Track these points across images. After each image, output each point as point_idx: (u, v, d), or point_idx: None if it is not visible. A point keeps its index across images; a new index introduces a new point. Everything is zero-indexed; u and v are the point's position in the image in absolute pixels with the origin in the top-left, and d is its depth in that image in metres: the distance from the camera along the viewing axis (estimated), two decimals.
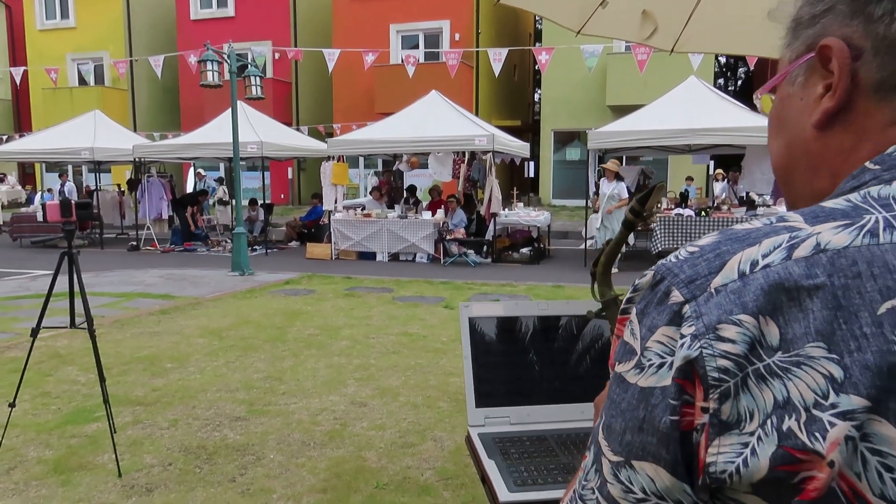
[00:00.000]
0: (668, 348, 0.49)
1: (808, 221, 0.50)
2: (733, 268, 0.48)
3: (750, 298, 0.47)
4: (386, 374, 4.72)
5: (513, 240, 11.82)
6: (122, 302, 7.57)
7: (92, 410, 3.97)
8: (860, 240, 0.47)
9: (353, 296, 7.83)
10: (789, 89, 0.60)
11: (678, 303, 0.49)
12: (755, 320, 0.46)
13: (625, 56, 16.41)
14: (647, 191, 1.25)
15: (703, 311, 0.48)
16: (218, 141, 12.15)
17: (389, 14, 19.60)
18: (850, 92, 0.54)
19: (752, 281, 0.47)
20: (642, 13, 2.76)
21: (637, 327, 0.52)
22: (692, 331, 0.48)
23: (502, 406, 1.64)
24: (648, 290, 0.52)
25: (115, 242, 14.28)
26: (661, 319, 0.50)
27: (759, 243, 0.49)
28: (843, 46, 0.54)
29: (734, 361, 0.46)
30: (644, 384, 0.50)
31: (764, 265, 0.48)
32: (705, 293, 0.48)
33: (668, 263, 0.52)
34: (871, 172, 0.52)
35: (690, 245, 0.52)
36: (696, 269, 0.50)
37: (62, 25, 23.88)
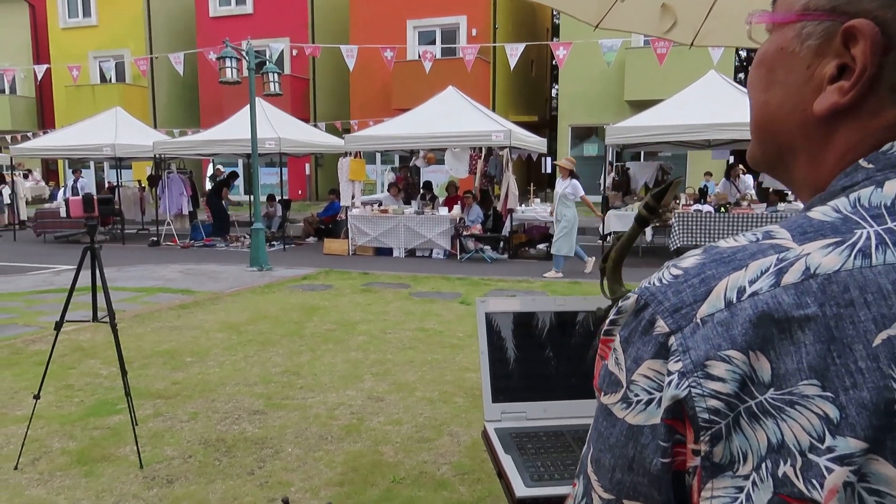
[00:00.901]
0: (656, 383, 0.47)
1: (797, 239, 0.47)
2: (719, 295, 0.46)
3: (738, 331, 0.44)
4: (402, 370, 4.74)
5: (529, 236, 11.78)
6: (142, 297, 7.67)
7: (114, 403, 4.04)
8: (851, 262, 0.44)
9: (370, 291, 7.86)
10: (794, 46, 0.52)
11: (664, 334, 0.47)
12: (745, 356, 0.44)
13: (643, 50, 16.26)
14: (664, 186, 1.23)
15: (690, 345, 0.45)
16: (236, 137, 12.24)
17: (406, 10, 19.60)
18: (867, 91, 0.49)
19: (740, 311, 0.44)
20: (661, 6, 2.73)
21: (622, 357, 0.49)
22: (679, 367, 0.45)
23: (519, 401, 1.64)
24: (632, 316, 0.49)
25: (136, 238, 14.47)
26: (646, 351, 0.48)
27: (746, 267, 0.46)
28: (878, 38, 0.47)
29: (724, 401, 0.44)
30: (632, 421, 0.48)
31: (751, 293, 0.45)
32: (691, 324, 0.46)
33: (651, 288, 0.49)
34: (864, 171, 0.49)
35: (674, 266, 0.49)
36: (681, 296, 0.47)
37: (84, 24, 24.20)
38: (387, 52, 12.19)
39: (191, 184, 14.51)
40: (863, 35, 0.47)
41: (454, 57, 17.46)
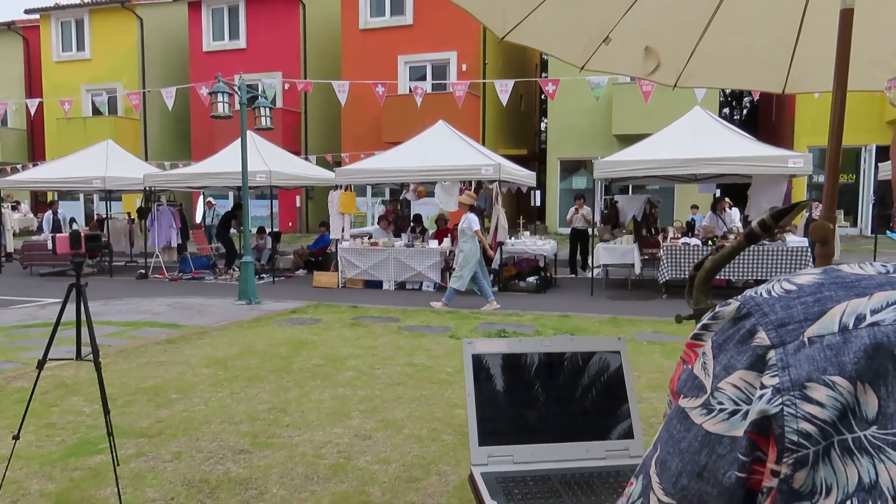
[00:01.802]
0: (745, 395, 0.44)
1: None
2: (834, 319, 0.43)
3: (849, 359, 0.41)
4: (391, 406, 4.68)
5: (519, 268, 11.81)
6: (128, 331, 7.58)
7: (96, 442, 3.96)
8: None
9: (359, 325, 7.82)
10: None
11: (763, 346, 0.44)
12: (852, 386, 0.41)
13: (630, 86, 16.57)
14: (788, 207, 1.20)
15: (791, 363, 0.43)
16: (227, 170, 12.28)
17: (397, 45, 19.93)
18: None
19: (855, 338, 0.42)
20: (645, 49, 2.79)
21: (711, 362, 0.47)
22: (775, 382, 0.43)
23: (506, 444, 1.62)
24: (730, 323, 0.47)
25: (124, 270, 14.36)
26: (740, 361, 0.45)
27: (870, 295, 0.43)
28: None
29: (819, 427, 0.41)
30: (711, 429, 0.45)
31: (871, 322, 0.42)
32: (796, 341, 0.43)
33: (757, 298, 0.46)
34: None
35: (788, 281, 0.47)
36: (791, 311, 0.44)
37: (77, 57, 24.42)
38: (378, 88, 12.35)
39: (180, 216, 14.49)
40: None
41: (444, 91, 17.72)
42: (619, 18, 2.56)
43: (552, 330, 7.56)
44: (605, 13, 2.57)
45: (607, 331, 7.50)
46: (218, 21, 22.98)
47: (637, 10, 2.52)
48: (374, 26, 20.32)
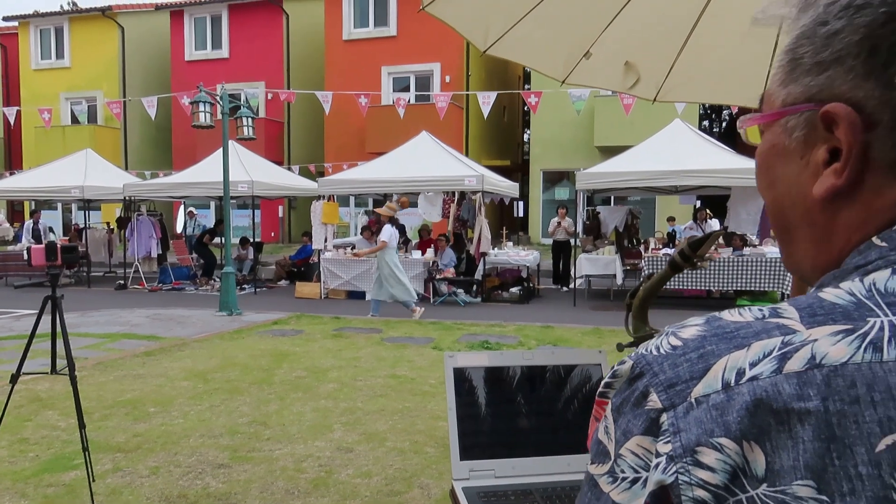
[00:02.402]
0: (643, 461, 0.45)
1: (805, 321, 0.44)
2: (717, 376, 0.43)
3: (733, 418, 0.42)
4: (373, 419, 4.65)
5: (502, 279, 11.83)
6: (106, 343, 7.46)
7: (71, 458, 3.88)
8: (861, 355, 0.41)
9: (342, 336, 7.77)
10: (785, 140, 0.53)
11: (656, 409, 0.45)
12: (738, 446, 0.41)
13: (611, 99, 16.75)
14: (703, 237, 1.22)
15: (682, 427, 0.43)
16: (209, 180, 12.19)
17: (381, 56, 19.97)
18: (861, 169, 0.48)
19: (737, 396, 0.42)
20: (625, 64, 2.83)
21: (612, 427, 0.48)
22: (668, 450, 0.43)
23: (487, 458, 1.61)
24: (626, 384, 0.47)
25: (103, 281, 14.15)
26: (636, 425, 0.46)
27: (748, 347, 0.44)
28: (854, 119, 0.47)
29: (713, 493, 0.41)
30: (617, 498, 0.46)
31: (751, 376, 0.42)
32: (685, 403, 0.44)
33: (648, 356, 0.47)
34: (878, 250, 0.47)
35: (674, 335, 0.47)
36: (677, 370, 0.45)
37: (57, 65, 24.14)
38: (361, 99, 12.36)
39: (160, 226, 14.33)
40: (839, 117, 0.47)
41: (428, 102, 17.77)
42: (600, 34, 2.59)
43: (535, 341, 7.57)
44: (585, 28, 2.61)
45: (590, 341, 7.53)
46: (200, 30, 22.88)
47: (617, 26, 2.56)
48: (357, 37, 20.36)
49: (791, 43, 0.52)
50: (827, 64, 0.48)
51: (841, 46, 0.47)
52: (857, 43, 0.47)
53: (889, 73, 0.46)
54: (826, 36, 0.48)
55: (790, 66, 0.52)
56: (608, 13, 2.53)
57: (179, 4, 22.74)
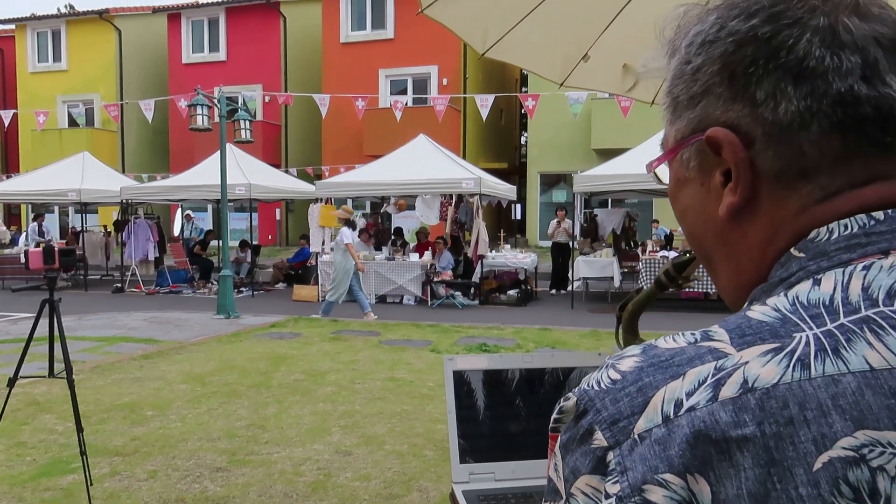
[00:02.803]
0: (593, 500, 0.45)
1: (735, 343, 0.45)
2: (656, 409, 0.44)
3: (675, 452, 0.42)
4: (371, 422, 4.64)
5: (500, 282, 11.83)
6: (103, 346, 7.44)
7: (68, 461, 3.87)
8: (790, 374, 0.42)
9: (340, 339, 7.76)
10: (684, 173, 0.56)
11: (602, 448, 0.45)
12: (683, 480, 0.42)
13: (609, 101, 16.78)
14: (688, 259, 1.22)
15: (628, 465, 0.43)
16: (206, 183, 12.18)
17: (378, 59, 19.99)
18: (753, 182, 0.50)
19: (677, 429, 0.43)
20: (623, 67, 2.84)
21: (560, 465, 0.47)
22: (617, 490, 0.43)
23: (487, 462, 1.61)
24: (572, 422, 0.47)
25: (100, 284, 14.12)
26: (583, 464, 0.45)
27: (684, 376, 0.44)
28: (732, 138, 0.50)
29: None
30: None
31: (688, 407, 0.43)
32: (629, 440, 0.44)
33: (591, 392, 0.47)
34: (798, 262, 0.49)
35: (613, 368, 0.48)
36: (619, 406, 0.45)
37: (54, 68, 24.11)
38: (359, 102, 12.36)
39: (158, 229, 14.31)
40: (720, 140, 0.50)
41: (425, 105, 17.79)
42: (597, 37, 2.60)
43: (533, 343, 7.57)
44: (583, 32, 2.61)
45: (588, 344, 7.53)
46: (198, 33, 22.88)
47: (614, 29, 2.56)
48: (354, 40, 20.38)
49: (668, 86, 0.56)
50: (699, 97, 0.53)
51: (706, 78, 0.52)
52: (718, 72, 0.51)
53: (749, 92, 0.50)
54: (692, 72, 0.53)
55: (672, 106, 0.56)
56: (606, 16, 2.53)
57: (177, 7, 22.74)
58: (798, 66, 0.48)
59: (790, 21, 0.49)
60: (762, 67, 0.49)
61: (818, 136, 0.49)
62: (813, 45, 0.48)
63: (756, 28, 0.50)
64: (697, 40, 0.53)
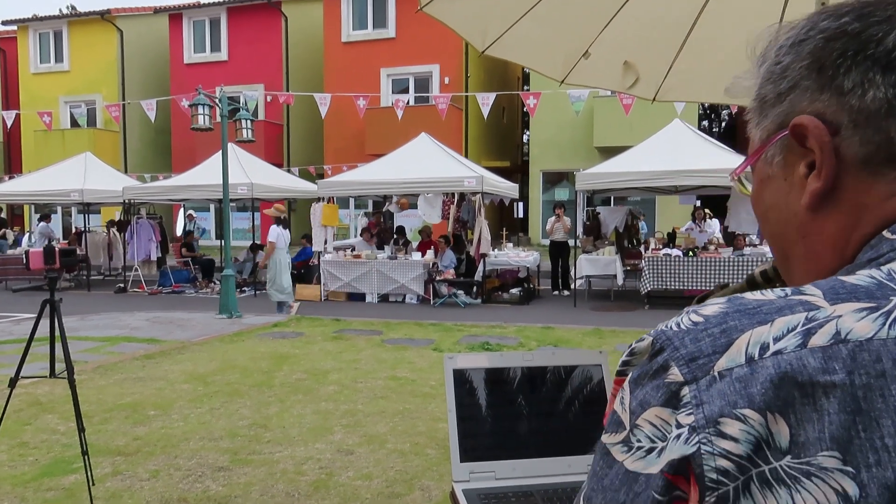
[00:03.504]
0: (661, 432, 0.45)
1: (828, 298, 0.45)
2: (740, 350, 0.44)
3: (757, 390, 0.42)
4: (373, 421, 4.64)
5: (502, 280, 11.82)
6: (106, 346, 7.45)
7: (70, 461, 3.87)
8: (886, 331, 0.42)
9: (342, 338, 7.76)
10: (768, 170, 0.57)
11: (677, 383, 0.45)
12: (762, 417, 0.42)
13: (610, 99, 16.75)
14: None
15: (705, 399, 0.43)
16: (208, 182, 12.19)
17: (380, 58, 19.98)
18: (837, 169, 0.51)
19: (761, 369, 0.43)
20: (624, 64, 2.82)
21: (628, 398, 0.48)
22: (690, 421, 0.43)
23: (488, 460, 1.60)
24: (646, 360, 0.48)
25: (103, 284, 14.15)
26: (654, 397, 0.46)
27: (772, 322, 0.45)
28: (817, 123, 0.51)
29: (735, 463, 0.42)
30: (630, 466, 0.46)
31: (775, 351, 0.43)
32: (708, 376, 0.44)
33: (668, 332, 0.47)
34: (890, 243, 0.49)
35: (695, 312, 0.48)
36: (699, 345, 0.45)
37: (56, 69, 24.15)
38: (360, 101, 12.36)
39: (160, 229, 14.33)
40: (806, 127, 0.52)
41: (427, 104, 17.77)
42: (598, 33, 2.59)
43: (535, 342, 7.56)
44: (583, 28, 2.60)
45: (590, 342, 7.52)
46: (199, 33, 22.89)
47: (615, 26, 2.55)
48: (356, 39, 20.37)
49: (757, 89, 0.58)
50: (786, 92, 0.55)
51: (794, 74, 0.54)
52: (807, 67, 0.53)
53: (836, 83, 0.51)
54: (781, 71, 0.55)
55: (759, 107, 0.58)
56: (607, 13, 2.52)
57: (178, 7, 22.76)
58: (887, 58, 0.50)
59: (879, 19, 0.51)
60: (850, 59, 0.51)
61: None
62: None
63: (845, 24, 0.52)
64: (787, 43, 0.55)
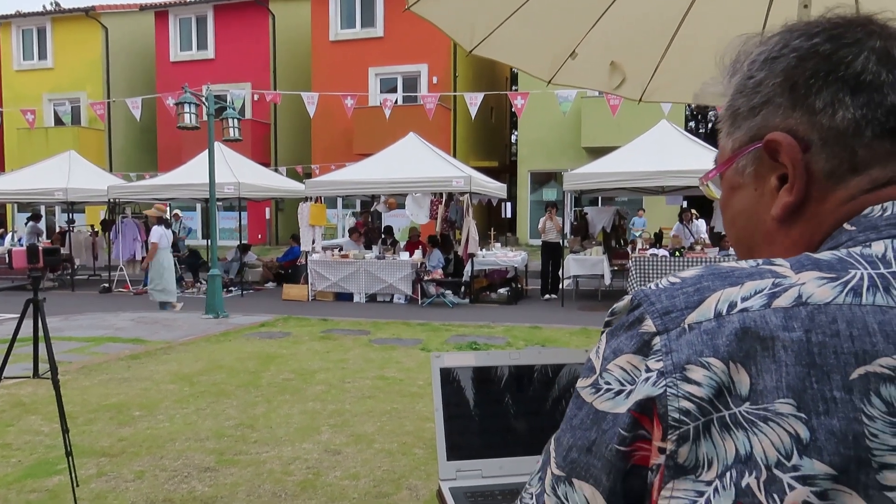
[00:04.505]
0: (630, 377, 0.48)
1: (794, 268, 0.49)
2: (710, 306, 0.48)
3: (722, 342, 0.46)
4: (361, 420, 4.63)
5: (490, 280, 11.84)
6: (90, 347, 7.38)
7: (54, 463, 3.83)
8: (843, 297, 0.46)
9: (330, 338, 7.73)
10: (739, 179, 0.60)
11: (649, 333, 0.49)
12: (725, 366, 0.45)
13: (598, 100, 16.82)
14: None
15: (674, 348, 0.47)
16: (195, 182, 12.10)
17: (368, 57, 19.93)
18: (807, 184, 0.55)
19: (728, 323, 0.46)
20: (611, 64, 2.83)
21: (603, 346, 0.52)
22: (659, 367, 0.47)
23: (474, 459, 1.61)
24: (624, 315, 0.52)
25: (87, 284, 14.00)
26: (627, 345, 0.49)
27: (742, 284, 0.48)
28: (791, 141, 0.54)
29: (697, 405, 0.45)
30: (599, 407, 0.50)
31: (741, 308, 0.47)
32: (678, 328, 0.48)
33: (647, 290, 0.51)
34: (848, 234, 0.53)
35: (673, 275, 0.52)
36: (674, 301, 0.49)
37: (39, 66, 23.86)
38: (348, 100, 12.32)
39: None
40: (780, 143, 0.55)
41: (415, 104, 17.75)
42: (585, 34, 2.60)
43: (523, 341, 7.58)
44: (571, 28, 2.61)
45: (578, 342, 7.55)
46: (185, 31, 22.72)
47: (602, 26, 2.56)
48: (344, 38, 20.30)
49: (728, 101, 0.60)
50: (759, 107, 0.57)
51: (767, 90, 0.57)
52: (780, 84, 0.56)
53: (808, 102, 0.54)
54: (754, 86, 0.58)
55: (731, 118, 0.60)
56: (594, 13, 2.53)
57: (164, 5, 22.56)
58: (855, 80, 0.53)
59: (849, 41, 0.54)
60: (822, 79, 0.54)
61: (870, 140, 0.53)
62: (870, 62, 0.53)
63: (817, 45, 0.55)
64: (760, 58, 0.58)
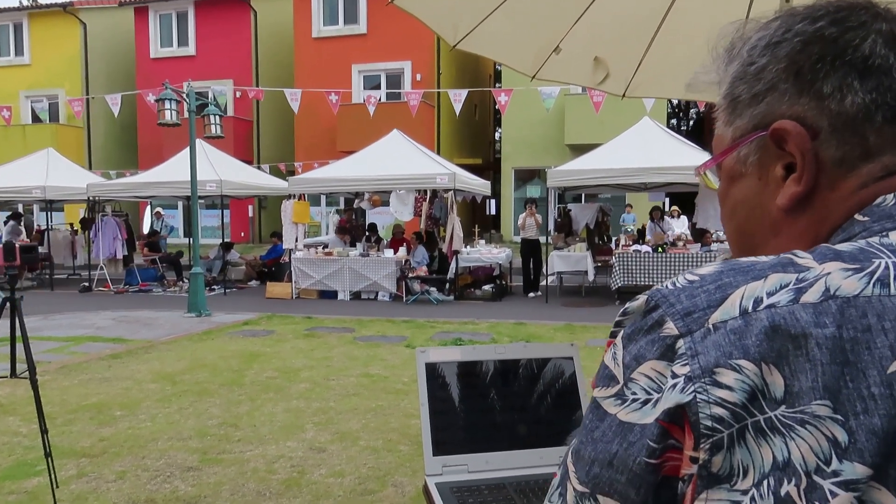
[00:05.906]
0: (657, 384, 0.46)
1: (817, 259, 0.47)
2: (735, 303, 0.45)
3: (752, 342, 0.43)
4: (346, 418, 4.61)
5: (475, 277, 11.84)
6: (70, 346, 7.27)
7: (33, 464, 3.77)
8: (871, 289, 0.44)
9: (314, 336, 7.69)
10: (740, 168, 0.58)
11: (672, 336, 0.46)
12: (757, 367, 0.43)
13: (581, 97, 16.89)
14: None
15: (700, 350, 0.44)
16: (176, 179, 11.96)
17: (351, 54, 19.83)
18: (816, 173, 0.53)
19: (755, 321, 0.44)
20: (594, 59, 2.84)
21: (621, 353, 0.49)
22: (686, 371, 0.44)
23: (460, 454, 1.60)
24: (639, 317, 0.49)
25: (67, 283, 13.80)
26: (650, 351, 0.47)
27: (765, 278, 0.46)
28: (800, 130, 0.52)
29: (730, 411, 0.43)
30: (624, 418, 0.47)
31: (768, 304, 0.44)
32: (702, 329, 0.45)
33: (663, 290, 0.48)
34: (861, 224, 0.51)
35: (690, 273, 0.49)
36: (695, 300, 0.46)
37: (16, 62, 23.44)
38: (332, 97, 12.25)
39: (126, 227, 14.02)
40: (788, 132, 0.53)
41: (399, 101, 17.70)
42: (569, 29, 2.60)
43: (508, 338, 7.60)
44: (554, 23, 2.61)
45: (562, 338, 7.58)
46: (166, 27, 22.44)
47: (586, 21, 2.57)
48: (327, 34, 20.19)
49: (727, 88, 0.58)
50: (763, 94, 0.55)
51: (771, 76, 0.54)
52: (784, 69, 0.54)
53: (816, 87, 0.52)
54: (756, 72, 0.55)
55: (731, 106, 0.58)
56: (577, 8, 2.53)
57: (144, 0, 22.26)
58: (863, 64, 0.52)
59: (855, 24, 0.53)
60: (829, 64, 0.52)
61: (881, 125, 0.52)
62: (878, 45, 0.52)
63: (822, 29, 0.53)
64: (761, 43, 0.55)
